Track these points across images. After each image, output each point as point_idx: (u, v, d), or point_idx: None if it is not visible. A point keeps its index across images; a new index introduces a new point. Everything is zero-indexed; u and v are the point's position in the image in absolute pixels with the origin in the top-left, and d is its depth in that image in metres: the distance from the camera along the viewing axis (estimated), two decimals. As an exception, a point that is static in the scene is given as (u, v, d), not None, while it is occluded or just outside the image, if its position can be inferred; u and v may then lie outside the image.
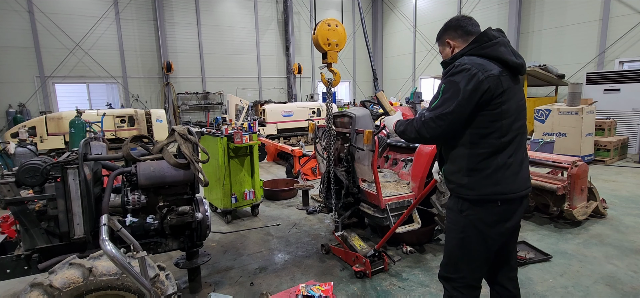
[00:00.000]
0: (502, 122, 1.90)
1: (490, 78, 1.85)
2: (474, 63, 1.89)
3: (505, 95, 1.89)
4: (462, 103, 1.87)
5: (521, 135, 2.00)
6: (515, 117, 1.95)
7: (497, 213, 1.98)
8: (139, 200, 2.65)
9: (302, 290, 2.93)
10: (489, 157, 1.93)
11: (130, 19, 15.05)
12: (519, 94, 2.00)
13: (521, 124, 2.00)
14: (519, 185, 1.97)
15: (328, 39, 3.53)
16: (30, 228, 2.43)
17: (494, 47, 1.93)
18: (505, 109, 1.90)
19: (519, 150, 1.99)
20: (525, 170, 2.03)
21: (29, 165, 2.36)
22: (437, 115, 1.94)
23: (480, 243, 2.02)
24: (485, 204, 1.97)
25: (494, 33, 1.99)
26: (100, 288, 1.99)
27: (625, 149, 9.12)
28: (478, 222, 2.00)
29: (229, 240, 4.57)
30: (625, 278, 3.39)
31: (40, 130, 10.07)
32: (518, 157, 1.98)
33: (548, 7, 12.92)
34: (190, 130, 2.85)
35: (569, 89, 8.44)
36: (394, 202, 3.63)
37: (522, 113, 2.01)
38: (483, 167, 1.95)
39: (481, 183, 1.95)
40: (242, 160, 5.15)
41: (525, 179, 2.02)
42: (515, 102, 1.96)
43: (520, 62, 1.95)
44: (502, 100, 1.88)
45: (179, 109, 16.20)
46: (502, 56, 1.91)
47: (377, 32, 21.05)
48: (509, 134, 1.93)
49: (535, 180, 4.78)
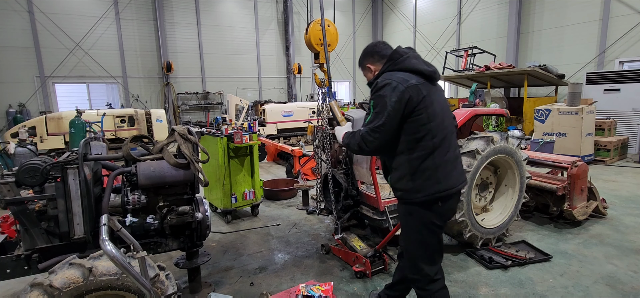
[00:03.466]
0: (431, 125, 2.12)
1: (410, 87, 2.08)
2: (393, 77, 2.12)
3: (427, 100, 2.11)
4: (391, 114, 2.07)
5: (451, 133, 2.24)
6: (442, 118, 2.18)
7: (443, 209, 2.20)
8: (139, 200, 2.65)
9: (302, 290, 2.93)
10: (427, 159, 2.13)
11: (130, 19, 15.05)
12: (440, 96, 2.23)
13: (448, 123, 2.22)
14: (457, 180, 2.21)
15: (320, 39, 3.52)
16: (30, 228, 2.43)
17: (407, 60, 2.18)
18: (431, 113, 2.12)
19: (451, 147, 2.21)
20: (459, 165, 2.27)
21: (29, 165, 2.36)
22: (371, 129, 2.14)
23: (434, 239, 2.25)
24: (432, 203, 2.17)
25: (404, 50, 2.26)
26: (100, 288, 1.99)
27: (625, 149, 9.12)
28: (429, 221, 2.19)
29: (229, 240, 4.57)
30: (625, 278, 3.39)
31: (40, 130, 10.07)
32: (452, 154, 2.20)
33: (548, 7, 12.92)
34: (190, 130, 2.84)
35: (569, 89, 8.45)
36: (393, 204, 3.63)
37: (447, 113, 2.24)
38: (424, 169, 2.14)
39: (425, 185, 2.14)
40: (242, 160, 5.15)
41: (460, 173, 2.26)
42: (439, 105, 2.19)
43: (432, 70, 2.21)
44: (425, 105, 2.10)
45: (179, 109, 16.20)
46: (415, 67, 2.16)
47: (377, 32, 21.04)
48: (439, 134, 2.15)
49: (535, 180, 4.78)
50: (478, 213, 4.11)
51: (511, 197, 4.17)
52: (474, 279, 3.42)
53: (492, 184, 4.23)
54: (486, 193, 4.19)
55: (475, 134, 3.85)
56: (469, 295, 3.18)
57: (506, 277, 3.45)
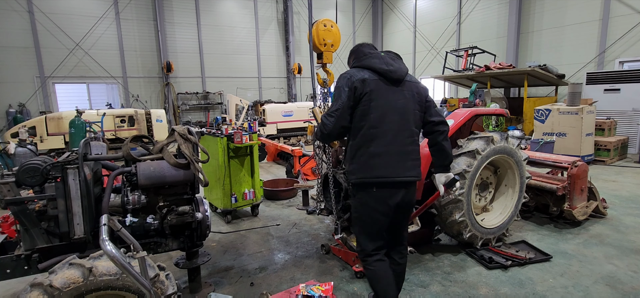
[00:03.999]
0: (370, 116, 2.39)
1: (358, 81, 2.40)
2: (350, 72, 2.49)
3: (373, 94, 2.40)
4: (344, 100, 2.41)
5: (401, 131, 2.43)
6: (385, 114, 2.40)
7: (378, 193, 2.42)
8: (139, 200, 2.65)
9: (302, 290, 2.93)
10: (363, 146, 2.42)
11: (130, 19, 15.05)
12: (394, 95, 2.44)
13: (396, 121, 2.42)
14: (396, 172, 2.40)
15: (324, 40, 3.53)
16: (30, 228, 2.42)
17: (367, 59, 2.51)
18: (374, 106, 2.39)
19: (395, 143, 2.42)
20: (406, 162, 2.44)
21: (29, 165, 2.36)
22: (328, 113, 2.49)
23: (370, 218, 2.49)
24: (366, 187, 2.44)
25: (368, 50, 2.60)
26: (100, 288, 1.99)
27: (625, 149, 9.12)
28: (365, 202, 2.47)
29: (229, 240, 4.57)
30: (625, 278, 3.39)
31: (40, 130, 10.07)
32: (394, 149, 2.41)
33: (548, 7, 12.92)
34: (190, 130, 2.84)
35: (569, 89, 8.45)
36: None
37: (398, 112, 2.44)
38: (360, 155, 2.43)
39: (360, 169, 2.44)
40: (242, 160, 5.15)
41: (405, 168, 2.43)
42: (388, 103, 2.42)
43: (389, 69, 2.44)
44: (369, 98, 2.39)
45: (179, 109, 16.20)
46: (372, 65, 2.46)
47: (377, 32, 21.04)
48: (381, 127, 2.39)
49: (535, 180, 4.78)
50: (478, 213, 4.11)
51: (511, 197, 4.18)
52: (474, 279, 3.43)
53: (492, 184, 4.23)
54: (486, 193, 4.19)
55: (475, 133, 3.85)
56: (469, 295, 3.18)
57: (506, 277, 3.45)
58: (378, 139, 2.39)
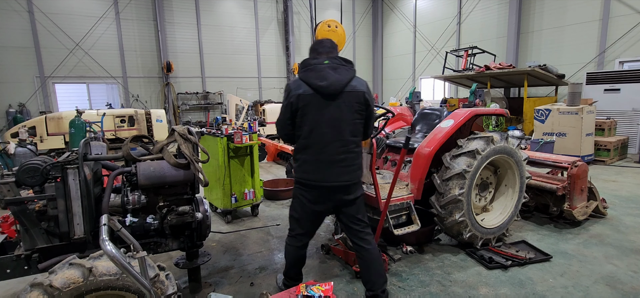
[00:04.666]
0: (304, 129, 2.68)
1: (294, 96, 2.64)
2: (291, 85, 2.71)
3: (306, 109, 2.63)
4: (284, 111, 2.73)
5: (327, 143, 2.65)
6: (316, 127, 2.64)
7: (311, 194, 2.80)
8: (139, 200, 2.65)
9: (302, 290, 2.92)
10: (300, 152, 2.77)
11: (130, 19, 15.04)
12: (327, 109, 2.63)
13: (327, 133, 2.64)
14: (324, 178, 2.71)
15: None
16: (30, 228, 2.42)
17: (306, 72, 2.66)
18: (306, 120, 2.65)
19: (324, 153, 2.67)
20: (334, 169, 2.70)
21: (29, 165, 2.36)
22: (277, 120, 2.86)
23: (301, 209, 2.90)
24: (301, 185, 2.84)
25: (311, 61, 2.69)
26: (100, 288, 1.99)
27: (625, 149, 9.12)
28: (299, 196, 2.88)
29: (229, 240, 4.57)
30: (625, 278, 3.39)
31: (40, 130, 10.06)
32: (323, 158, 2.67)
33: (548, 7, 12.92)
34: (190, 130, 2.84)
35: (569, 89, 8.44)
36: (393, 204, 3.63)
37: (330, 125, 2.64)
38: (297, 158, 2.81)
39: (297, 169, 2.83)
40: (242, 160, 5.15)
41: (335, 174, 2.71)
42: (321, 117, 2.63)
43: (321, 85, 2.59)
44: (304, 112, 2.64)
45: (179, 109, 16.19)
46: (308, 80, 2.62)
47: (377, 32, 21.03)
48: (314, 138, 2.66)
49: (535, 180, 4.78)
50: (478, 213, 4.11)
51: (511, 197, 4.18)
52: (474, 279, 3.43)
53: (492, 184, 4.23)
54: (486, 193, 4.19)
55: (475, 133, 3.85)
56: (469, 295, 3.18)
57: (506, 277, 3.45)
58: (310, 148, 2.70)
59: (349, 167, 2.74)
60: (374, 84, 21.90)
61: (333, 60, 2.66)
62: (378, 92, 21.48)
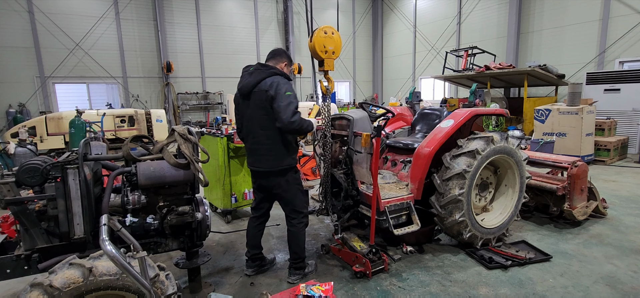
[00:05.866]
0: (239, 123, 3.46)
1: (235, 97, 3.45)
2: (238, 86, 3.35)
3: (237, 108, 3.41)
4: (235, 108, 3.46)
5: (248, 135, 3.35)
6: (244, 121, 3.37)
7: (253, 176, 3.55)
8: (139, 200, 2.65)
9: (302, 290, 2.93)
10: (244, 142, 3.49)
11: (130, 19, 15.04)
12: (244, 107, 3.31)
13: (248, 127, 3.32)
14: (252, 164, 3.40)
15: (325, 47, 3.49)
16: (30, 228, 2.42)
17: (242, 77, 3.33)
18: (241, 116, 3.39)
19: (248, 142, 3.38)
20: (255, 157, 3.34)
21: (29, 165, 2.35)
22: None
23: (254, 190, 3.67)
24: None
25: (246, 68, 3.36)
26: (100, 288, 1.99)
27: (625, 149, 9.12)
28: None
29: (229, 240, 4.57)
30: (625, 278, 3.39)
31: (40, 130, 10.05)
32: (248, 146, 3.40)
33: (548, 7, 12.92)
34: (190, 130, 2.84)
35: (569, 89, 8.44)
36: (393, 204, 3.63)
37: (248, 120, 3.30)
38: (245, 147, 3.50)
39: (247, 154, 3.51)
40: (242, 160, 5.15)
41: (254, 161, 3.36)
42: (244, 113, 3.34)
43: (239, 87, 3.30)
44: (238, 109, 3.41)
45: (179, 109, 16.19)
46: (239, 83, 3.31)
47: (377, 32, 21.04)
48: (245, 131, 3.39)
49: (535, 180, 4.78)
50: (478, 213, 4.11)
51: (511, 197, 4.18)
52: (474, 279, 3.43)
53: (492, 184, 4.23)
54: (486, 193, 4.20)
55: (475, 133, 3.85)
56: (469, 295, 3.18)
57: (506, 277, 3.45)
58: (244, 139, 3.45)
59: (264, 156, 3.28)
60: (374, 83, 21.90)
61: (258, 65, 3.28)
62: (378, 92, 21.48)
